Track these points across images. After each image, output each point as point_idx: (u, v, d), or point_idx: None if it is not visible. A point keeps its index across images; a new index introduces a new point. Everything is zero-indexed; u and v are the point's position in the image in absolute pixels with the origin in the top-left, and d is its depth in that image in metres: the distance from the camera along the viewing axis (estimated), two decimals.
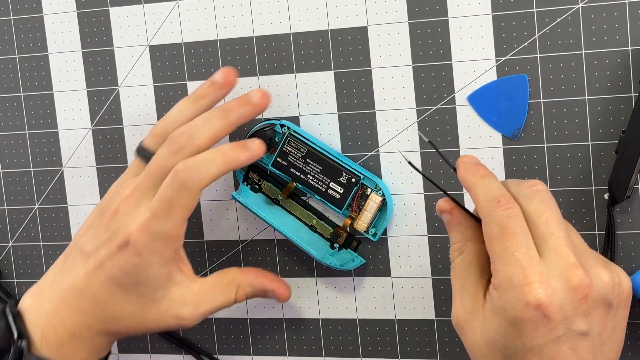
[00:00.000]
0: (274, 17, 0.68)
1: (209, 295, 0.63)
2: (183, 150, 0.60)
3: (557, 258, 0.52)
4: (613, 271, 0.54)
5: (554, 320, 0.51)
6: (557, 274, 0.52)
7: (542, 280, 0.51)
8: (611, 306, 0.53)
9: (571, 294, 0.51)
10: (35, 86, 0.75)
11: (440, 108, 0.65)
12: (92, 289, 0.61)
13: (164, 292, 0.62)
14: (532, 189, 0.54)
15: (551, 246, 0.52)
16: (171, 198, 0.59)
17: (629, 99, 0.60)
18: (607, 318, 0.53)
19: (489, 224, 0.53)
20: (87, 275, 0.61)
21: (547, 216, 0.53)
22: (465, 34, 0.63)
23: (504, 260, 0.52)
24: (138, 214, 0.60)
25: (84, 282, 0.61)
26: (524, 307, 0.51)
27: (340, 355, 0.70)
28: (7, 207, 0.77)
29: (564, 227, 0.53)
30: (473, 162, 0.56)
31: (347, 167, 0.65)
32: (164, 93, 0.71)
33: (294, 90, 0.68)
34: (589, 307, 0.52)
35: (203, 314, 0.63)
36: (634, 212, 0.61)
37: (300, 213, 0.68)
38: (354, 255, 0.67)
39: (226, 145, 0.61)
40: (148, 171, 0.61)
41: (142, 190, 0.61)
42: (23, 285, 0.77)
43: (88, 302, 0.61)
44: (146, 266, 0.60)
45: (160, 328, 0.63)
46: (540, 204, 0.53)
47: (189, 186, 0.59)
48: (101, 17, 0.72)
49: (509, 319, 0.52)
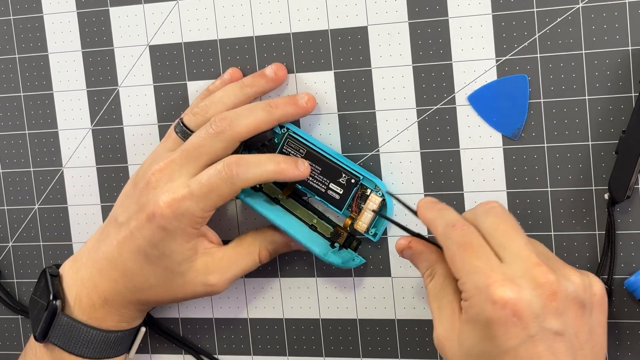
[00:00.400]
0: (274, 17, 0.68)
1: (234, 261, 0.66)
2: (222, 134, 0.62)
3: (519, 260, 0.53)
4: (583, 274, 0.55)
5: (524, 318, 0.51)
6: (521, 274, 0.52)
7: (506, 279, 0.52)
8: (584, 307, 0.53)
9: (538, 292, 0.52)
10: (35, 86, 0.75)
11: (440, 108, 0.65)
12: (122, 258, 0.64)
13: (189, 264, 0.64)
14: (485, 207, 0.56)
15: (512, 251, 0.53)
16: (214, 185, 0.61)
17: (629, 99, 0.60)
18: (583, 319, 0.53)
19: (448, 247, 0.55)
20: (119, 245, 0.64)
21: (503, 227, 0.55)
22: (465, 34, 0.63)
23: (466, 271, 0.53)
24: (168, 188, 0.62)
25: (116, 252, 0.64)
26: (492, 307, 0.51)
27: (340, 355, 0.70)
28: (7, 207, 0.77)
29: (523, 235, 0.54)
30: (431, 201, 0.59)
31: (346, 167, 0.65)
32: (164, 93, 0.71)
33: (294, 90, 0.68)
34: (560, 306, 0.52)
35: (230, 278, 0.66)
36: (634, 212, 0.61)
37: (300, 212, 0.68)
38: (354, 255, 0.67)
39: (280, 156, 0.64)
40: (184, 148, 0.63)
41: (175, 166, 0.63)
42: (23, 285, 0.77)
43: (119, 271, 0.65)
44: (170, 240, 0.62)
45: (189, 297, 0.66)
46: (495, 218, 0.55)
47: (234, 181, 0.61)
48: (101, 17, 0.72)
49: (481, 324, 0.52)
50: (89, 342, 0.66)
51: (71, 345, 0.65)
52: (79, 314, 0.66)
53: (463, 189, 0.65)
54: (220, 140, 0.62)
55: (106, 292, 0.65)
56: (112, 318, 0.66)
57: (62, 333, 0.65)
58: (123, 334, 0.68)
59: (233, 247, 0.67)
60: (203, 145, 0.63)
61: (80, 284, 0.66)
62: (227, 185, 0.61)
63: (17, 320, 0.78)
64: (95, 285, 0.66)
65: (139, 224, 0.63)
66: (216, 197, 0.62)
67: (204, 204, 0.62)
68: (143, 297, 0.66)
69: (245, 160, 0.62)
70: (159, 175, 0.63)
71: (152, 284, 0.65)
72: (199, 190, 0.61)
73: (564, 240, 0.63)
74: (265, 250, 0.67)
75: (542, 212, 0.63)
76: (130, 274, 0.64)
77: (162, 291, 0.65)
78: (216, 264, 0.65)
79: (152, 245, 0.63)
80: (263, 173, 0.62)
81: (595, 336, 0.54)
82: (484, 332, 0.52)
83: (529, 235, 0.63)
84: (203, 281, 0.65)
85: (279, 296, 0.71)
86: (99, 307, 0.66)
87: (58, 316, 0.65)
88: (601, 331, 0.55)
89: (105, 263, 0.65)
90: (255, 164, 0.62)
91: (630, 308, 0.62)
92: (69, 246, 0.75)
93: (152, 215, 0.62)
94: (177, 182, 0.62)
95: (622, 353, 0.63)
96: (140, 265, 0.64)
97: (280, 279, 0.70)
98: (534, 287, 0.52)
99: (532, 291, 0.52)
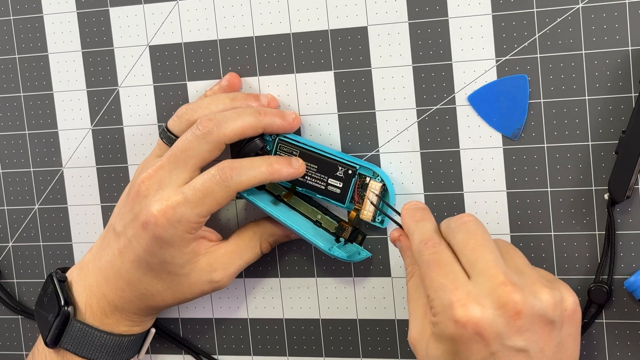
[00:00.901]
0: (274, 17, 0.68)
1: (236, 255, 0.66)
2: (209, 135, 0.62)
3: (485, 279, 0.53)
4: (555, 289, 0.55)
5: (486, 337, 0.52)
6: (486, 294, 0.53)
7: (470, 298, 0.53)
8: (553, 323, 0.54)
9: (502, 311, 0.52)
10: (35, 86, 0.75)
11: (440, 108, 0.65)
12: (126, 267, 0.64)
13: (191, 266, 0.64)
14: (458, 222, 0.56)
15: (479, 269, 0.54)
16: (208, 189, 0.61)
17: (629, 99, 0.60)
18: (551, 335, 0.54)
19: (420, 264, 0.56)
20: (120, 254, 0.64)
21: (473, 244, 0.55)
22: (465, 34, 0.63)
23: (434, 288, 0.54)
24: (160, 196, 0.62)
25: (119, 261, 0.65)
26: (454, 325, 0.52)
27: (340, 355, 0.70)
28: (7, 207, 0.77)
29: (492, 251, 0.54)
30: (413, 207, 0.59)
31: (341, 160, 0.65)
32: (164, 93, 0.71)
33: (294, 90, 0.68)
34: (524, 324, 0.53)
35: (234, 272, 0.66)
36: (634, 212, 0.61)
37: (304, 209, 0.68)
38: (360, 249, 0.67)
39: (273, 157, 0.64)
40: (171, 153, 0.63)
41: (164, 172, 0.63)
42: (23, 285, 0.77)
43: (124, 280, 0.65)
44: (168, 247, 0.63)
45: (197, 295, 0.66)
46: (465, 234, 0.55)
47: (229, 184, 0.61)
48: (101, 17, 0.72)
49: (445, 340, 0.53)
50: (102, 346, 0.66)
51: (84, 350, 0.65)
52: (90, 320, 0.66)
53: (463, 189, 0.65)
54: (207, 142, 0.62)
55: (115, 301, 0.65)
56: (124, 323, 0.67)
57: (75, 339, 0.65)
58: (135, 337, 0.68)
59: (234, 241, 0.67)
60: (190, 148, 0.62)
61: (89, 291, 0.66)
62: (222, 188, 0.61)
63: (17, 320, 0.78)
64: (104, 294, 0.66)
65: (136, 233, 0.63)
66: (211, 201, 0.62)
67: (200, 209, 0.62)
68: (152, 302, 0.66)
69: (239, 163, 0.62)
70: (148, 183, 0.63)
71: (159, 289, 0.65)
72: (193, 196, 0.61)
73: (564, 240, 0.63)
74: (266, 243, 0.68)
75: (542, 212, 0.63)
76: (136, 282, 0.64)
77: (170, 294, 0.65)
78: (219, 260, 0.65)
79: (151, 254, 0.63)
80: (257, 175, 0.62)
81: (564, 348, 0.55)
82: (449, 347, 0.53)
83: (529, 236, 0.63)
84: (208, 279, 0.65)
85: (279, 296, 0.71)
86: (110, 313, 0.66)
87: (71, 322, 0.65)
88: (571, 343, 0.55)
89: (110, 272, 0.65)
90: (249, 166, 0.62)
91: (630, 308, 0.62)
92: (69, 246, 0.75)
93: (146, 224, 0.62)
94: (168, 189, 0.62)
95: (622, 353, 0.63)
96: (144, 272, 0.64)
97: (280, 279, 0.70)
98: (497, 306, 0.52)
99: (496, 310, 0.52)
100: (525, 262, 0.57)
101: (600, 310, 0.63)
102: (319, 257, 0.69)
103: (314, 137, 0.68)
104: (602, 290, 0.62)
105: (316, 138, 0.67)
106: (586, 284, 0.63)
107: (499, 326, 0.52)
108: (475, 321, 0.52)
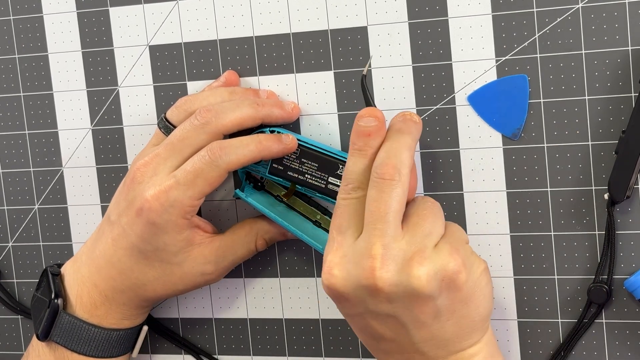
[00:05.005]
0: (274, 17, 0.68)
1: (230, 249, 0.66)
2: (207, 125, 0.63)
3: (361, 246, 0.56)
4: (432, 261, 0.55)
5: (351, 301, 0.57)
6: (354, 263, 0.56)
7: (338, 264, 0.56)
8: (427, 297, 0.55)
9: (363, 284, 0.55)
10: (35, 86, 0.75)
11: (440, 108, 0.65)
12: (118, 256, 0.65)
13: (184, 255, 0.64)
14: (377, 172, 0.57)
15: (365, 235, 0.56)
16: (198, 170, 0.61)
17: (629, 99, 0.60)
18: (426, 305, 0.55)
19: (337, 200, 0.59)
20: (114, 242, 0.65)
21: (375, 205, 0.56)
22: (465, 34, 0.63)
23: (328, 239, 0.59)
24: (154, 182, 0.62)
25: (112, 250, 0.65)
26: (326, 289, 0.58)
27: (340, 356, 0.70)
28: (7, 207, 0.77)
29: (388, 220, 0.56)
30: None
31: (342, 158, 0.65)
32: (163, 93, 0.71)
33: (294, 90, 0.68)
34: (389, 296, 0.55)
35: (226, 267, 0.67)
36: (634, 212, 0.61)
37: (304, 209, 0.68)
38: None
39: (261, 135, 0.64)
40: (168, 141, 0.63)
41: (159, 160, 0.63)
42: (23, 285, 0.77)
43: (116, 269, 0.65)
44: (162, 233, 0.63)
45: (188, 288, 0.67)
46: (377, 192, 0.56)
47: (219, 164, 0.61)
48: (101, 17, 0.72)
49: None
50: (90, 340, 0.66)
51: (73, 343, 0.66)
52: (80, 312, 0.66)
53: (463, 189, 0.65)
54: (205, 132, 0.62)
55: (106, 291, 0.66)
56: (114, 315, 0.67)
57: (64, 331, 0.66)
58: (125, 333, 0.68)
59: (229, 235, 0.67)
60: (187, 137, 0.63)
61: (80, 282, 0.66)
62: (212, 168, 0.61)
63: (17, 320, 0.78)
64: (95, 284, 0.66)
65: (129, 220, 0.63)
66: (202, 182, 0.61)
67: (192, 192, 0.62)
68: (143, 292, 0.66)
69: (228, 143, 0.62)
70: (143, 169, 0.63)
71: (150, 278, 0.65)
72: (184, 178, 0.61)
73: (564, 240, 0.63)
74: (261, 240, 0.68)
75: (542, 212, 0.63)
76: (128, 271, 0.65)
77: (161, 284, 0.65)
78: (213, 253, 0.65)
79: (144, 241, 0.63)
80: (247, 153, 0.62)
81: (449, 312, 0.56)
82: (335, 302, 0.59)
83: (529, 236, 0.63)
84: (201, 271, 0.65)
85: (279, 296, 0.71)
86: (99, 304, 0.66)
87: (60, 315, 0.65)
88: (461, 306, 0.56)
89: (102, 262, 0.65)
90: (238, 144, 0.62)
91: (630, 308, 0.62)
92: (69, 246, 0.75)
93: (140, 210, 0.62)
94: (161, 175, 0.62)
95: (622, 353, 0.63)
96: (137, 260, 0.64)
97: (280, 279, 0.70)
98: (359, 280, 0.56)
99: (357, 283, 0.56)
100: (434, 227, 0.57)
101: (600, 310, 0.63)
102: (319, 257, 0.69)
103: (314, 137, 0.68)
104: (601, 290, 0.62)
105: (316, 138, 0.68)
106: (586, 284, 0.63)
107: (361, 295, 0.56)
108: (335, 287, 0.57)
